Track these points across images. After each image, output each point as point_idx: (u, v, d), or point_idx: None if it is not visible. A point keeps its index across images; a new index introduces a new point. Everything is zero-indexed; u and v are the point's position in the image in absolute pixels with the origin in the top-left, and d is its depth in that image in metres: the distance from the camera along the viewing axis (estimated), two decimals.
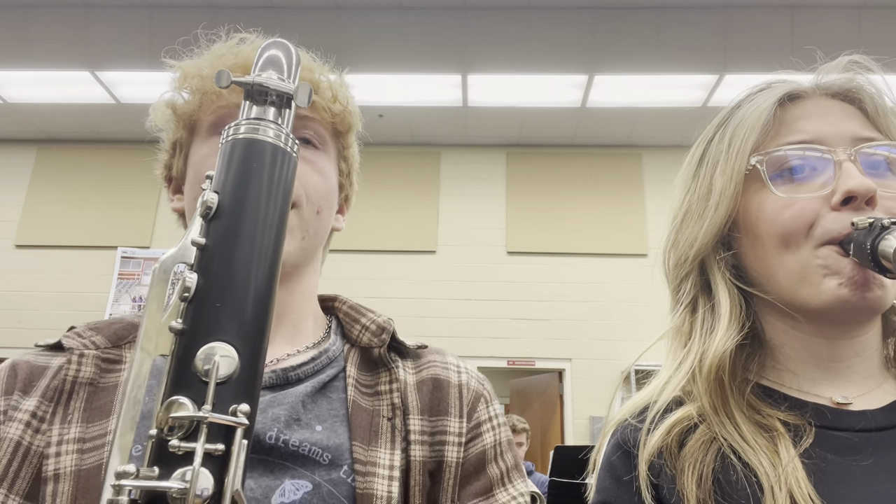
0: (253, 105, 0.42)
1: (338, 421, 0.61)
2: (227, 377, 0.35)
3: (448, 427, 0.63)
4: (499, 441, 0.66)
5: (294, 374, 0.63)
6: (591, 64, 5.19)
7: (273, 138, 0.41)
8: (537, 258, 6.08)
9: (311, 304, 0.72)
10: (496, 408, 0.68)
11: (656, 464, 0.57)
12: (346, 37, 5.00)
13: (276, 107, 0.42)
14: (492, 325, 5.95)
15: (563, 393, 5.93)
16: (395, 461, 0.59)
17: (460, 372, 0.68)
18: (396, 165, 6.27)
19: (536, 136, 6.28)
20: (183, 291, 0.37)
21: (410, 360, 0.68)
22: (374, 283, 5.95)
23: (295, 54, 0.46)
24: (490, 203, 6.38)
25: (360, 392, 0.63)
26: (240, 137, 0.41)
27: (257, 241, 0.39)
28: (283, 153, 0.42)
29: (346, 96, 0.70)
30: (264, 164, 0.41)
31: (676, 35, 4.98)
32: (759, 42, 4.97)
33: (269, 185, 0.41)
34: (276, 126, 0.42)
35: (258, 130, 0.41)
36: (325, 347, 0.67)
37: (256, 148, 0.41)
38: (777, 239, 0.59)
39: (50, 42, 5.11)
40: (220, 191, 0.40)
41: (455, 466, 0.61)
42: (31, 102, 5.87)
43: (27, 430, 0.57)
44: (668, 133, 6.09)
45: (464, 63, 5.24)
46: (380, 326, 0.68)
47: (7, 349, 5.89)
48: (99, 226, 6.20)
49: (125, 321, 0.67)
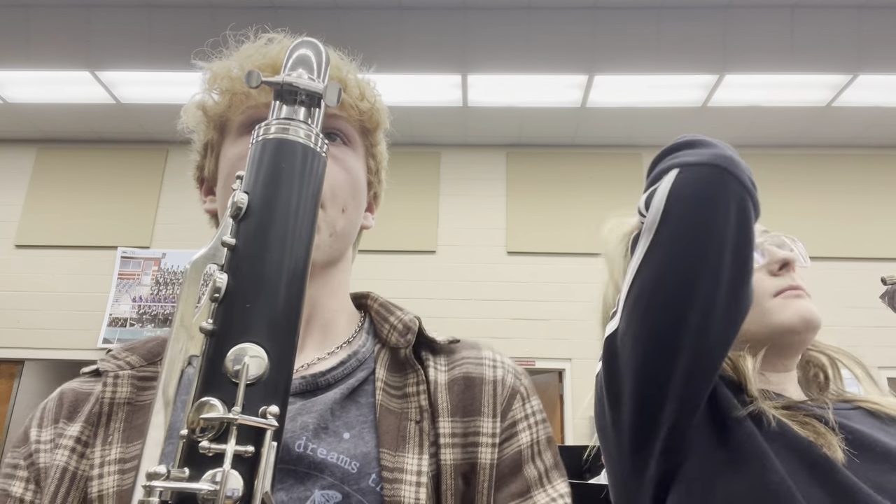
0: (283, 105, 0.42)
1: (366, 427, 0.59)
2: (257, 378, 0.36)
3: (481, 428, 0.61)
4: (536, 440, 0.63)
5: (324, 380, 0.62)
6: (591, 64, 5.18)
7: (303, 138, 0.41)
8: (537, 258, 6.07)
9: (343, 301, 0.71)
10: (534, 405, 0.66)
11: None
12: (346, 37, 4.98)
13: (305, 106, 0.43)
14: (492, 325, 5.95)
15: (563, 393, 5.92)
16: (423, 466, 0.57)
17: (495, 367, 0.66)
18: (396, 165, 6.20)
19: (536, 136, 6.28)
20: (213, 292, 0.37)
21: (444, 356, 0.67)
22: (374, 283, 5.91)
23: (324, 53, 0.46)
24: (490, 203, 6.37)
25: (389, 395, 0.62)
26: (270, 138, 0.41)
27: (288, 241, 0.39)
28: (313, 153, 0.42)
29: (374, 94, 0.70)
30: (294, 164, 0.41)
31: (676, 35, 4.98)
32: (759, 42, 4.97)
33: (300, 185, 0.41)
34: (307, 126, 0.42)
35: (288, 130, 0.41)
36: (355, 349, 0.66)
37: (287, 148, 0.41)
38: None
39: (50, 42, 5.11)
40: (251, 191, 0.40)
41: (490, 468, 0.59)
42: (31, 102, 5.86)
43: (73, 455, 0.58)
44: (668, 133, 6.06)
45: (464, 63, 5.24)
46: (405, 326, 0.67)
47: (7, 349, 5.89)
48: (99, 226, 6.20)
49: (160, 339, 0.67)
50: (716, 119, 5.86)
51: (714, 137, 0.71)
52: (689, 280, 0.62)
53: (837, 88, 5.36)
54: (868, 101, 5.53)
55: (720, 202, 0.63)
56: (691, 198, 0.64)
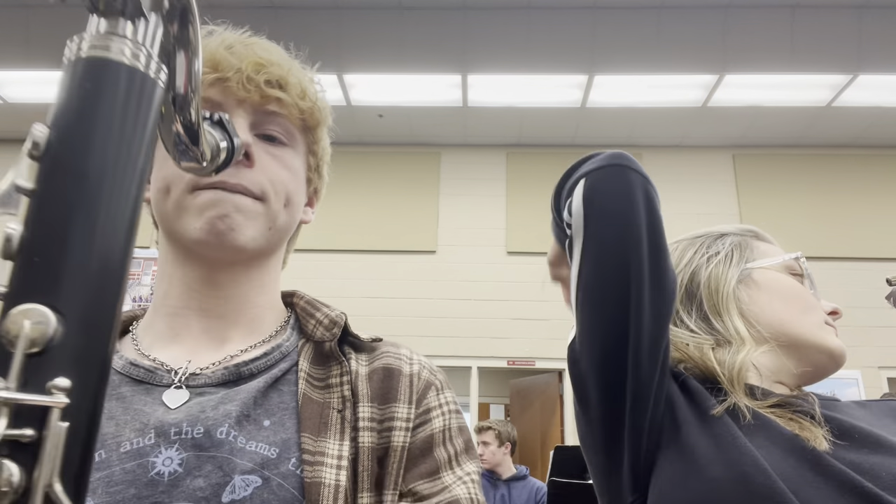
0: (102, 18, 0.33)
1: (287, 414, 0.61)
2: (44, 347, 0.29)
3: (396, 413, 0.63)
4: (448, 426, 0.65)
5: (247, 370, 0.63)
6: (591, 64, 5.19)
7: (130, 58, 0.33)
8: (537, 258, 6.06)
9: (272, 296, 0.72)
10: (448, 396, 0.68)
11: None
12: (346, 37, 5.00)
13: (131, 18, 0.34)
14: (492, 325, 5.95)
15: (563, 393, 5.93)
16: (344, 451, 0.59)
17: (412, 363, 0.68)
18: (396, 165, 6.28)
19: (536, 136, 6.29)
20: (5, 246, 0.30)
21: (365, 353, 0.69)
22: (374, 283, 5.96)
23: None
24: (490, 203, 6.38)
25: (312, 385, 0.63)
26: (83, 56, 0.33)
27: (102, 184, 0.32)
28: (143, 78, 0.33)
29: (316, 92, 0.71)
30: (116, 91, 0.33)
31: (676, 35, 4.98)
32: (759, 42, 4.97)
33: (123, 117, 0.33)
34: (134, 44, 0.33)
35: (109, 48, 0.33)
36: (279, 342, 0.67)
37: (105, 69, 0.33)
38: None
39: (50, 42, 5.11)
40: (55, 125, 0.32)
41: (401, 450, 0.61)
42: (31, 102, 5.87)
43: None
44: (668, 133, 6.10)
45: (464, 63, 5.24)
46: (332, 320, 0.68)
47: None
48: None
49: None
50: (716, 119, 5.86)
51: (714, 137, 0.75)
52: (622, 263, 0.71)
53: (837, 88, 5.36)
54: (868, 101, 5.54)
55: (628, 190, 0.74)
56: (604, 193, 0.74)
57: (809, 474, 0.63)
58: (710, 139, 6.18)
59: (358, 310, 0.86)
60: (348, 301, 5.16)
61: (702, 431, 0.69)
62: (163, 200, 0.66)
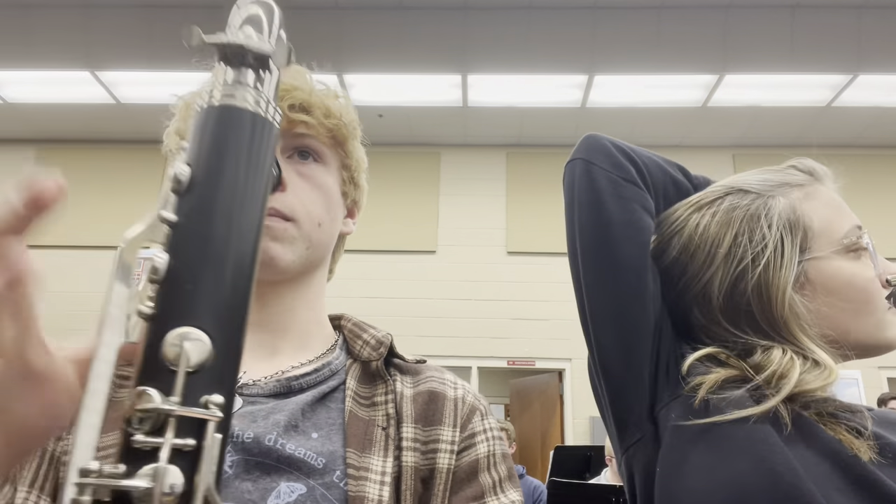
0: (229, 68, 0.38)
1: (333, 429, 0.63)
2: (199, 366, 0.33)
3: (441, 436, 0.65)
4: (492, 452, 0.67)
5: (297, 384, 0.65)
6: (591, 64, 5.19)
7: (252, 105, 0.38)
8: (537, 258, 6.07)
9: (318, 313, 0.74)
10: (491, 422, 0.70)
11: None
12: (346, 37, 5.00)
13: (254, 69, 0.38)
14: (492, 325, 5.95)
15: (563, 393, 5.93)
16: (388, 468, 0.60)
17: (456, 388, 0.71)
18: (396, 165, 6.28)
19: (536, 136, 6.29)
20: (152, 273, 0.34)
21: (409, 375, 0.71)
22: (374, 283, 5.96)
23: (276, 12, 0.42)
24: (490, 203, 6.38)
25: (358, 403, 0.66)
26: (215, 105, 0.37)
27: (234, 217, 0.36)
28: (263, 122, 0.38)
29: (340, 108, 0.72)
30: (243, 134, 0.37)
31: (676, 35, 4.98)
32: (759, 42, 4.97)
33: (249, 157, 0.37)
34: (255, 92, 0.38)
35: (235, 97, 0.37)
36: (328, 360, 0.69)
37: (233, 116, 0.37)
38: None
39: (50, 42, 5.11)
40: (193, 163, 0.36)
41: (447, 473, 0.63)
42: (31, 102, 5.87)
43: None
44: (668, 133, 6.10)
45: (464, 63, 5.24)
46: (378, 341, 0.71)
47: None
48: (99, 226, 6.20)
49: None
50: (716, 119, 5.86)
51: (714, 137, 0.75)
52: (572, 244, 0.79)
53: (837, 88, 5.36)
54: (868, 101, 5.54)
55: (570, 178, 0.81)
56: (565, 190, 0.82)
57: (841, 481, 0.61)
58: (710, 139, 6.18)
59: (358, 310, 0.86)
60: (348, 301, 5.14)
61: (736, 428, 0.65)
62: None
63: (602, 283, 0.76)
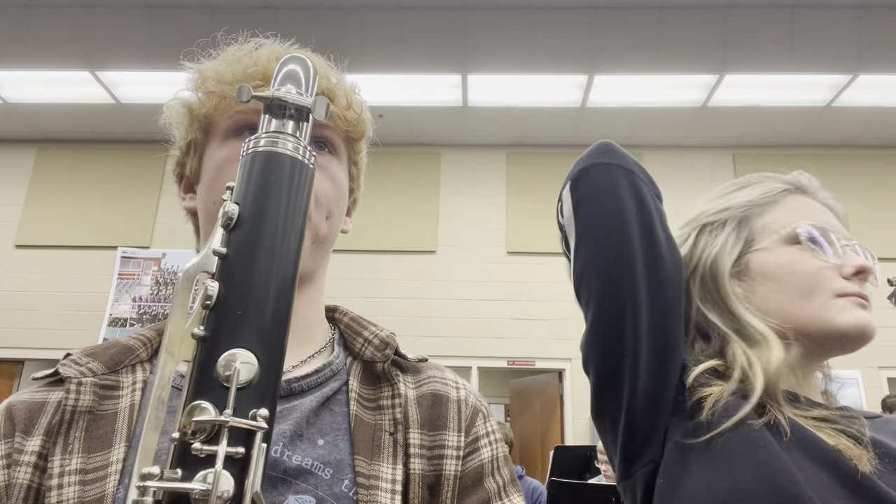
0: (272, 118, 0.44)
1: (340, 435, 0.61)
2: (248, 383, 0.37)
3: (447, 441, 0.64)
4: (496, 456, 0.67)
5: (297, 386, 0.64)
6: (591, 64, 5.19)
7: (291, 151, 0.43)
8: (537, 258, 6.07)
9: (318, 311, 0.73)
10: (493, 424, 0.70)
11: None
12: (346, 37, 5.00)
13: (294, 120, 0.44)
14: (492, 325, 5.95)
15: (563, 393, 5.93)
16: (398, 475, 0.60)
17: (458, 388, 0.70)
18: (396, 165, 6.28)
19: (536, 136, 6.29)
20: (205, 299, 0.39)
21: (411, 374, 0.69)
22: (374, 283, 5.96)
23: (312, 68, 0.48)
24: (490, 203, 6.38)
25: (363, 406, 0.64)
26: (259, 150, 0.43)
27: (276, 251, 0.41)
28: (301, 165, 0.44)
29: (361, 104, 0.72)
30: (283, 176, 0.43)
31: (676, 35, 4.98)
32: (759, 42, 4.97)
33: (289, 196, 0.43)
34: (295, 139, 0.44)
35: (277, 143, 0.43)
36: (329, 359, 0.68)
37: (276, 160, 0.43)
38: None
39: (50, 42, 5.11)
40: (241, 202, 0.42)
41: (454, 479, 0.62)
42: (31, 102, 5.87)
43: (35, 471, 0.57)
44: (668, 133, 6.10)
45: (464, 63, 5.24)
46: (383, 341, 0.69)
47: (7, 349, 5.89)
48: (99, 226, 6.20)
49: (120, 345, 0.66)
50: (716, 119, 5.86)
51: (714, 137, 0.75)
52: (615, 262, 0.72)
53: (837, 88, 5.36)
54: (868, 101, 5.54)
55: (612, 189, 0.74)
56: (589, 198, 0.76)
57: (840, 489, 0.61)
58: (710, 139, 6.18)
59: (358, 310, 0.86)
60: (348, 301, 5.13)
61: (735, 437, 0.66)
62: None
63: (651, 299, 0.71)
